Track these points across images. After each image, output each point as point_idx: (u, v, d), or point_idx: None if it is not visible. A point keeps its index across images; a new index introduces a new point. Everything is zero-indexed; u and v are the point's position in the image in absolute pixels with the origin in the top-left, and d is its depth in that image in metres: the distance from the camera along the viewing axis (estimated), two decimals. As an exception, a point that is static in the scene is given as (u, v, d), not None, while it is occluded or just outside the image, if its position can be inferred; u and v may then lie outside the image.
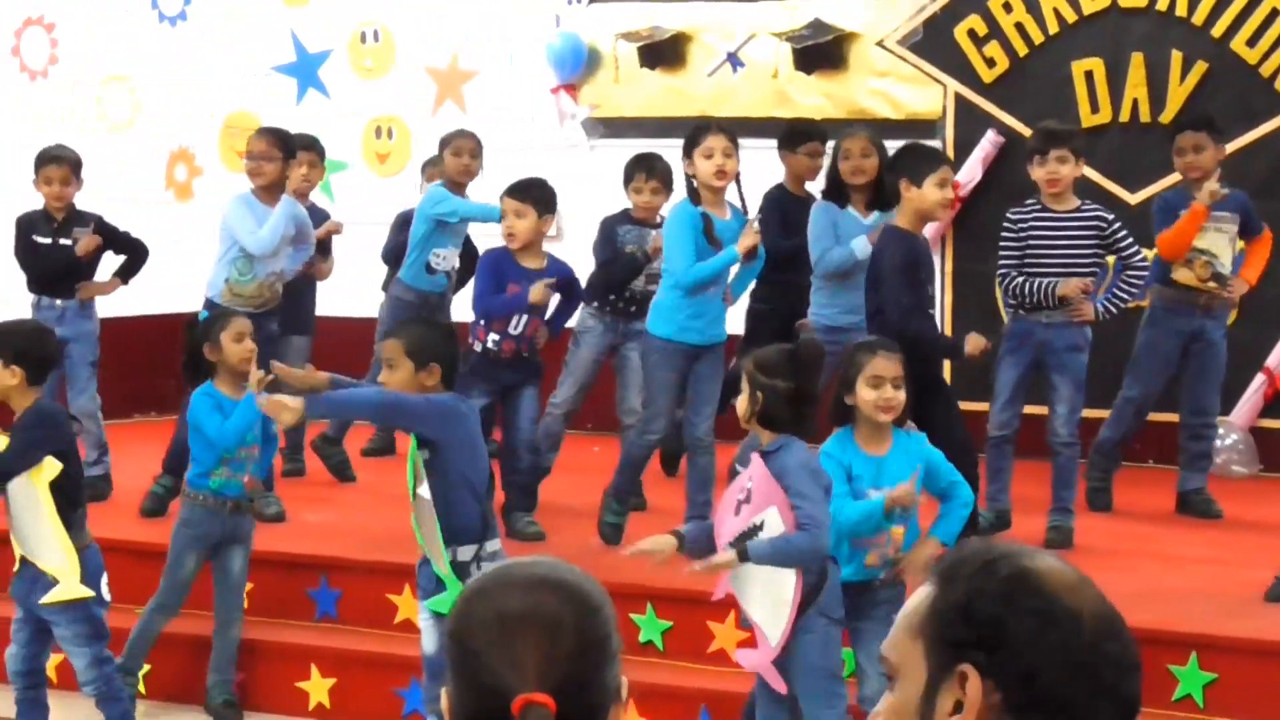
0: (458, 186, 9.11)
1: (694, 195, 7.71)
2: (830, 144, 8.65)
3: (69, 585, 6.42)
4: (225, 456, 6.94)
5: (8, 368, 6.44)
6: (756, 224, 7.73)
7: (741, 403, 5.76)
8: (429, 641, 6.41)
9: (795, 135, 9.04)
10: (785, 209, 8.72)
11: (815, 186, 8.73)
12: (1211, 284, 8.45)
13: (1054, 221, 7.90)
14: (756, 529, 5.68)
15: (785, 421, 5.71)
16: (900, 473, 5.93)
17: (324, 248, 9.40)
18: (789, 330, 8.40)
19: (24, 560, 6.49)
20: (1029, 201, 8.01)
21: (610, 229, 8.68)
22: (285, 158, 8.55)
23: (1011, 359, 8.00)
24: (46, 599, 6.41)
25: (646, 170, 8.65)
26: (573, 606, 2.18)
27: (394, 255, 9.56)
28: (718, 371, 7.82)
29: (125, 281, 8.97)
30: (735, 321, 8.50)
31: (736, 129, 8.38)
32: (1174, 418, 8.76)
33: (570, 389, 8.60)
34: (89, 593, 6.49)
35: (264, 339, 8.35)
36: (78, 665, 6.52)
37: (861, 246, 7.97)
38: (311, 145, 9.42)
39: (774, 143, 9.16)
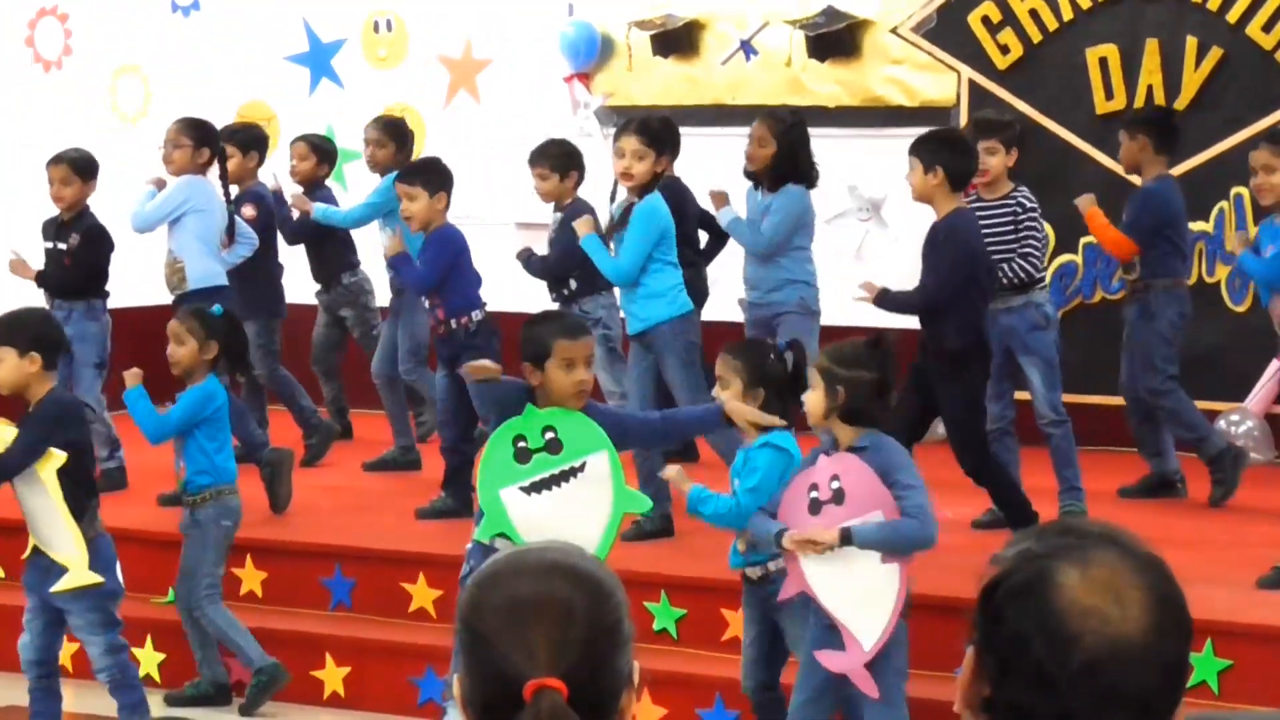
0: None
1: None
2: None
3: (79, 573, 6.42)
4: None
5: (25, 356, 6.42)
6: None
7: (816, 399, 5.61)
8: None
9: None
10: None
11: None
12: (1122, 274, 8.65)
13: (983, 209, 7.97)
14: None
15: (870, 415, 5.60)
16: None
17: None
18: None
19: (36, 550, 6.49)
20: (971, 192, 8.04)
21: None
22: (195, 145, 8.77)
23: None
24: (57, 587, 6.41)
25: (534, 157, 8.78)
26: (584, 592, 2.18)
27: None
28: (638, 360, 7.89)
29: (38, 284, 8.88)
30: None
31: (750, 117, 8.41)
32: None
33: None
34: (97, 579, 6.48)
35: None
36: (92, 653, 6.55)
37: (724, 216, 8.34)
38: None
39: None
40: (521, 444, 5.88)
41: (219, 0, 12.03)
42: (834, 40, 10.57)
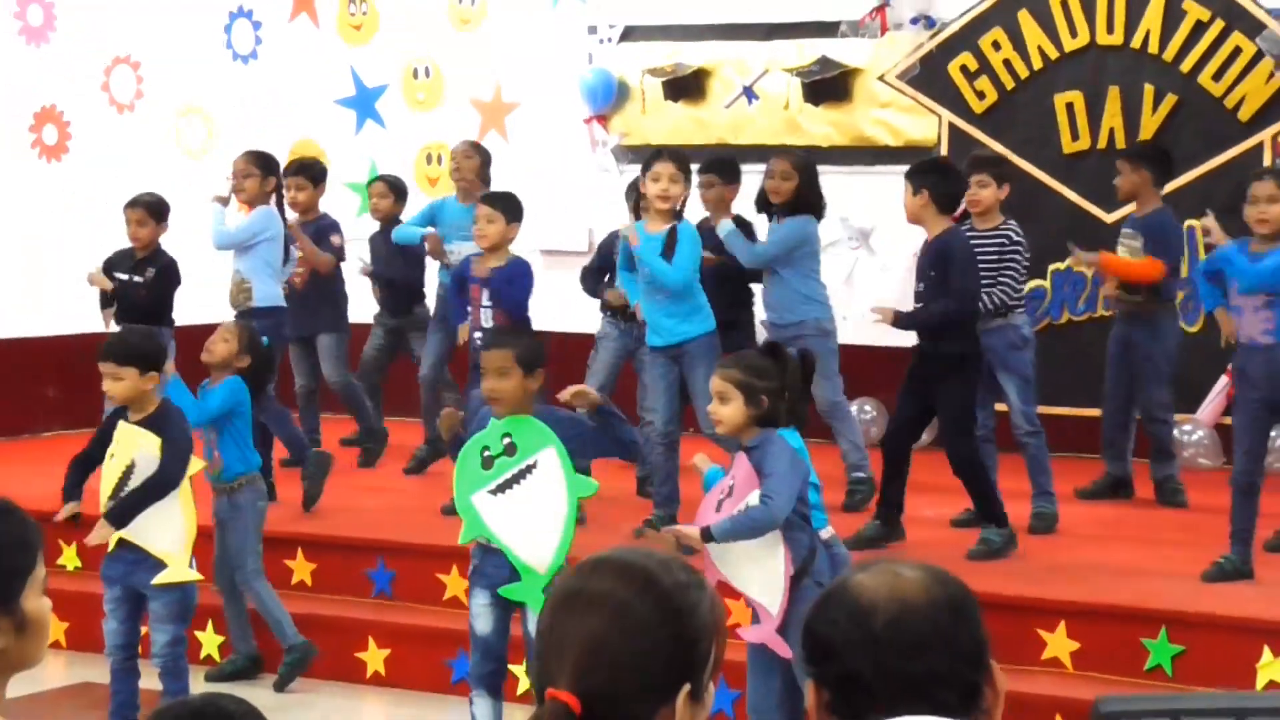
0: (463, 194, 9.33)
1: (637, 211, 8.15)
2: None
3: (179, 569, 6.35)
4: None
5: (145, 375, 6.31)
6: None
7: (735, 410, 5.57)
8: (484, 623, 6.11)
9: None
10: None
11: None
12: (1117, 292, 8.56)
13: (975, 238, 7.88)
14: None
15: (778, 419, 5.59)
16: None
17: (321, 239, 9.44)
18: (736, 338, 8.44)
19: (121, 542, 6.34)
20: (966, 222, 8.03)
21: (608, 240, 8.79)
22: (263, 174, 8.80)
23: None
24: (159, 580, 6.31)
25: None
26: (648, 605, 2.09)
27: None
28: (664, 373, 7.77)
29: (105, 305, 8.80)
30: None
31: (751, 155, 8.43)
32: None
33: None
34: (196, 576, 6.47)
35: (274, 341, 8.20)
36: (158, 640, 6.40)
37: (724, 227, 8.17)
38: (306, 168, 9.60)
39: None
40: (486, 453, 5.97)
41: (275, 49, 12.09)
42: (828, 86, 10.60)
